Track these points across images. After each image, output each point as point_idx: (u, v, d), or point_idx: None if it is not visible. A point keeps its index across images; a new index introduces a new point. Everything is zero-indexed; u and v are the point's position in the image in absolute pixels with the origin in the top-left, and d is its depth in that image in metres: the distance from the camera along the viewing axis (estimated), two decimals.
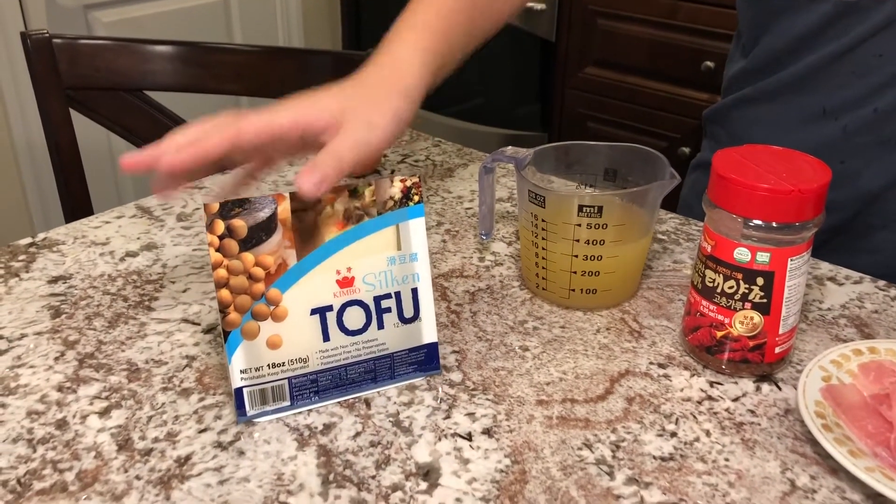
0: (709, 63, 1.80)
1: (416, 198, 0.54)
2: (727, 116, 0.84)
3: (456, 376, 0.57)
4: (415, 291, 0.55)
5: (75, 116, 1.09)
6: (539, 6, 2.04)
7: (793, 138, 0.76)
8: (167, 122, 1.14)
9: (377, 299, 0.53)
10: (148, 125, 1.14)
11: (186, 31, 2.12)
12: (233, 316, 0.50)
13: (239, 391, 0.51)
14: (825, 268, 0.72)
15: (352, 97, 0.57)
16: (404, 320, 0.54)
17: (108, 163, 2.06)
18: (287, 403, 0.53)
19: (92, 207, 1.13)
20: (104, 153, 2.03)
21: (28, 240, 0.75)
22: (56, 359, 0.59)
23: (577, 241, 0.62)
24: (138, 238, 0.76)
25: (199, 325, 0.63)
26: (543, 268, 0.65)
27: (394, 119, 0.57)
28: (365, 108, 0.56)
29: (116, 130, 1.13)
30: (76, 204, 1.12)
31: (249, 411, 0.52)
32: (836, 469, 0.50)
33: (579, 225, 0.61)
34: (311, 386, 0.53)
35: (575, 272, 0.63)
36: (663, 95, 1.93)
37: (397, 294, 0.54)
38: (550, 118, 2.18)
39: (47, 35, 1.06)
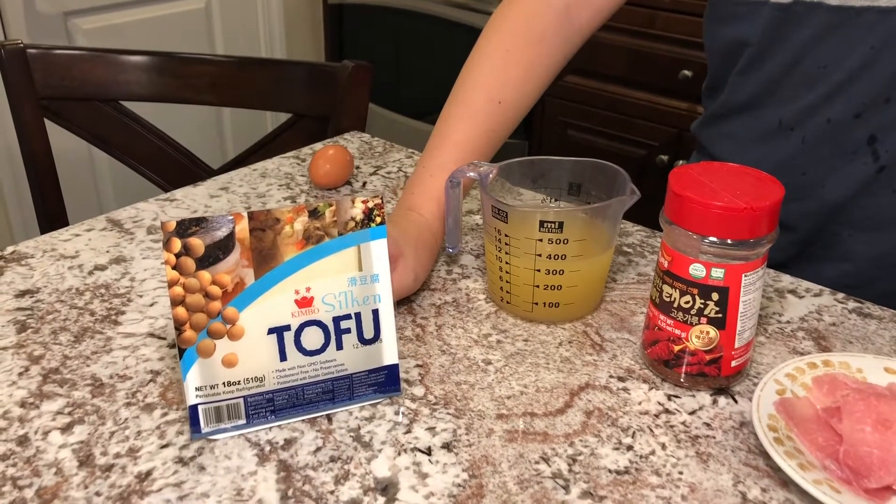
0: (686, 72, 1.82)
1: (379, 219, 0.54)
2: (703, 132, 0.86)
3: (418, 390, 0.58)
4: (375, 312, 0.55)
5: (56, 126, 1.10)
6: None
7: (757, 152, 0.78)
8: (143, 133, 1.14)
9: (336, 320, 0.54)
10: (123, 135, 1.14)
11: (167, 38, 2.12)
12: (188, 333, 0.51)
13: (194, 408, 0.52)
14: (786, 280, 0.73)
15: (407, 244, 0.68)
16: (364, 341, 0.55)
17: (89, 172, 2.05)
18: (243, 422, 0.53)
19: (67, 218, 1.13)
20: (85, 162, 2.02)
21: None
22: (20, 374, 0.59)
23: (539, 255, 0.63)
24: (107, 251, 0.76)
25: (164, 339, 0.63)
26: (507, 282, 0.66)
27: (425, 273, 0.69)
28: (413, 258, 0.67)
29: (92, 141, 1.13)
30: (51, 214, 1.12)
31: (204, 429, 0.52)
32: (786, 482, 0.51)
33: (541, 240, 0.62)
34: (267, 405, 0.53)
35: (538, 286, 0.64)
36: (642, 104, 1.94)
37: (357, 315, 0.54)
38: (531, 126, 2.19)
39: (21, 45, 1.06)
